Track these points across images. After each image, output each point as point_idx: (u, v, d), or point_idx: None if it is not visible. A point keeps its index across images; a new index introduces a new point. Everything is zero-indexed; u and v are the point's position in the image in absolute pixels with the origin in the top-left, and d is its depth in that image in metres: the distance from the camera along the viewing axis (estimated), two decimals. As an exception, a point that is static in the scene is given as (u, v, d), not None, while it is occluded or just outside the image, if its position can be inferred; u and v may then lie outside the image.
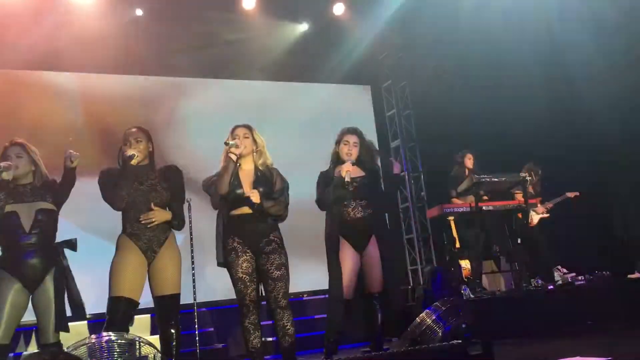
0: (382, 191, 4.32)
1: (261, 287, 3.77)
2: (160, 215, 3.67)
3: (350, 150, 4.21)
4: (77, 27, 6.45)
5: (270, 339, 5.06)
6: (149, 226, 3.64)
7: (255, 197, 3.64)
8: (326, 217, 4.22)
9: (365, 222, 4.13)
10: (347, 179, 4.03)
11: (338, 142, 4.30)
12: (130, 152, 3.67)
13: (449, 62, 7.67)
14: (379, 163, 4.40)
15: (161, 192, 3.73)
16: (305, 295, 7.07)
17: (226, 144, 3.69)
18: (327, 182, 4.20)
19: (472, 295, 5.55)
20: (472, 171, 6.32)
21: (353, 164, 4.17)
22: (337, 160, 4.29)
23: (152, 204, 3.65)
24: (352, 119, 8.37)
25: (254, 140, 3.86)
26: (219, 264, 3.80)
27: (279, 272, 3.67)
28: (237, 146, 3.67)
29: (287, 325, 3.65)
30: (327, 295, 4.21)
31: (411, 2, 7.14)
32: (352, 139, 4.26)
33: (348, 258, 4.07)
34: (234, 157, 3.70)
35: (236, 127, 3.89)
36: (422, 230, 8.38)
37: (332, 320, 4.04)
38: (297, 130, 7.71)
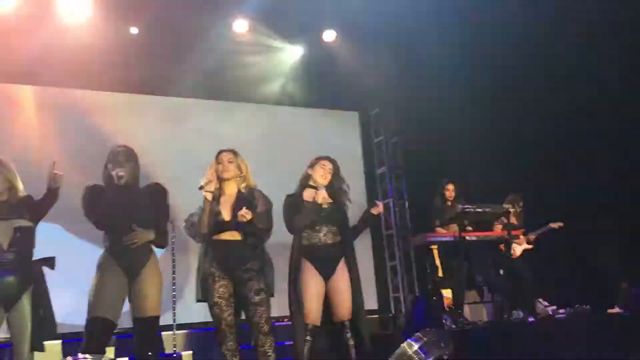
0: (348, 222, 4.24)
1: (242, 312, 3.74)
2: (142, 235, 3.63)
3: (326, 175, 4.19)
4: (69, 43, 6.44)
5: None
6: (131, 247, 3.60)
7: (246, 214, 3.58)
8: (294, 241, 4.13)
9: (335, 248, 4.06)
10: (324, 205, 4.02)
11: (313, 166, 4.25)
12: (116, 171, 3.65)
13: (439, 90, 7.75)
14: (349, 199, 4.36)
15: (145, 211, 3.71)
16: (286, 320, 6.99)
17: (200, 187, 3.66)
18: (297, 205, 4.13)
19: (453, 326, 5.54)
20: (455, 200, 6.35)
21: (321, 189, 4.13)
22: (306, 184, 4.24)
23: (134, 225, 3.62)
24: (339, 145, 8.49)
25: (238, 166, 3.86)
26: (198, 300, 3.77)
27: (258, 297, 3.64)
28: (209, 181, 3.65)
29: (268, 352, 3.61)
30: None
31: (400, 31, 7.23)
32: (329, 165, 4.23)
33: (313, 283, 3.98)
34: (209, 197, 3.69)
35: (221, 152, 3.89)
36: (405, 258, 8.38)
37: (297, 348, 3.98)
38: (283, 154, 7.73)
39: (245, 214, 3.56)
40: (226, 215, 3.71)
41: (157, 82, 7.28)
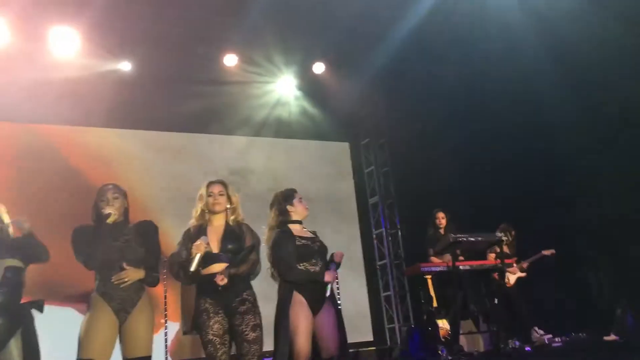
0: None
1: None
2: (133, 274, 3.59)
3: (305, 209, 4.11)
4: (56, 80, 6.47)
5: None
6: (121, 286, 3.56)
7: (221, 281, 3.55)
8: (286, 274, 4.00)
9: (324, 283, 3.94)
10: (315, 239, 4.01)
11: (291, 200, 4.12)
12: (106, 210, 3.63)
13: (428, 121, 7.82)
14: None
15: (136, 248, 3.67)
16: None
17: (196, 272, 3.58)
18: (289, 239, 3.97)
19: (449, 357, 5.49)
20: (447, 229, 6.35)
21: (300, 223, 4.08)
22: (288, 220, 4.09)
23: (124, 264, 3.59)
24: (331, 176, 8.52)
25: (229, 198, 3.84)
26: (185, 333, 3.71)
27: (254, 334, 3.57)
28: (205, 246, 3.58)
29: None
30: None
31: (389, 62, 7.31)
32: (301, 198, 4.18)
33: (304, 318, 3.86)
34: (193, 230, 3.71)
35: (211, 183, 3.85)
36: (399, 288, 8.34)
37: None
38: (275, 186, 7.72)
39: (220, 280, 3.54)
40: (214, 248, 3.67)
41: (146, 116, 7.30)
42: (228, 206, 3.81)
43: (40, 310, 3.56)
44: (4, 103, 6.40)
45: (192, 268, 3.53)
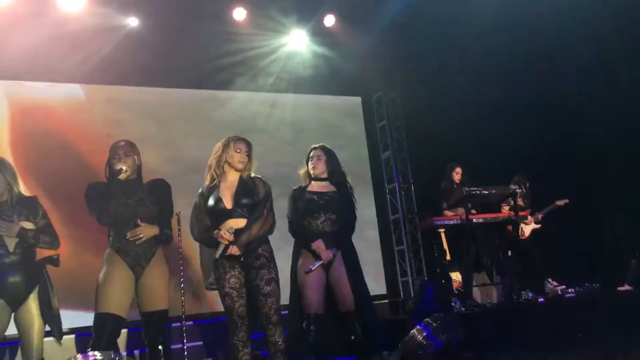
0: (352, 210, 4.21)
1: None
2: (147, 230, 3.63)
3: (320, 164, 4.18)
4: (69, 36, 6.40)
5: (261, 352, 5.00)
6: (136, 242, 3.60)
7: (235, 251, 3.57)
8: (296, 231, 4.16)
9: (332, 237, 4.02)
10: (327, 193, 4.03)
11: (307, 158, 4.27)
12: (119, 166, 3.64)
13: (441, 73, 7.69)
14: (349, 180, 4.32)
15: (149, 206, 3.70)
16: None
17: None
18: (299, 197, 4.14)
19: (463, 309, 5.54)
20: (461, 184, 6.32)
21: (323, 180, 4.16)
22: (306, 177, 4.26)
23: (138, 220, 3.61)
24: (343, 131, 8.46)
25: (250, 159, 3.80)
26: (207, 289, 3.76)
27: (269, 287, 3.60)
28: (229, 237, 3.57)
29: (278, 341, 3.59)
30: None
31: (402, 13, 7.15)
32: (320, 153, 4.23)
33: (312, 272, 3.97)
34: (208, 181, 3.73)
35: (238, 139, 3.80)
36: (412, 242, 8.36)
37: (292, 335, 3.97)
38: (287, 142, 7.71)
39: (234, 251, 3.55)
40: (227, 204, 3.67)
41: (156, 73, 7.23)
42: (248, 166, 3.78)
43: (56, 264, 3.61)
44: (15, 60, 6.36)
45: (217, 255, 3.56)
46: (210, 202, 3.67)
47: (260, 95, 7.97)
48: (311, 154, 4.27)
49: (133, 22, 6.83)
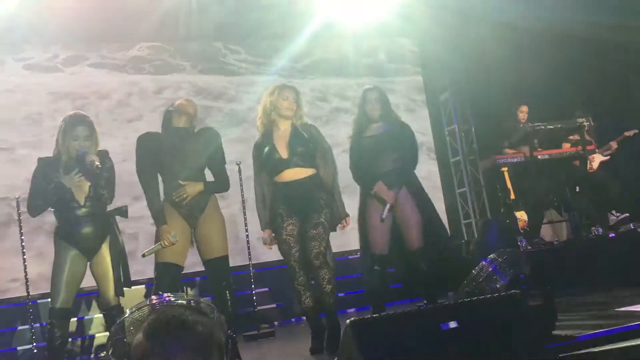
0: (413, 143, 4.17)
1: None
2: (191, 189, 3.63)
3: (374, 107, 4.12)
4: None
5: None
6: (183, 203, 3.64)
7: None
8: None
9: (396, 174, 3.99)
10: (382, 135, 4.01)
11: (361, 102, 4.22)
12: (175, 115, 3.69)
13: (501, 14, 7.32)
14: (401, 120, 4.27)
15: (198, 157, 3.71)
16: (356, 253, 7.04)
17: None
18: (357, 143, 4.14)
19: (529, 247, 5.43)
20: (526, 122, 6.12)
21: (378, 121, 4.12)
22: (360, 122, 4.21)
23: (180, 180, 3.62)
24: (399, 72, 8.27)
25: (299, 106, 3.77)
26: (264, 228, 3.81)
27: (315, 230, 3.62)
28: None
29: (323, 284, 3.62)
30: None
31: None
32: (373, 94, 4.16)
33: (374, 212, 3.98)
34: (260, 130, 3.81)
35: (285, 87, 3.80)
36: (474, 184, 8.19)
37: (366, 277, 4.02)
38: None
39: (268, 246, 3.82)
40: (283, 153, 3.67)
41: (190, 30, 7.14)
42: (298, 113, 3.77)
43: (125, 216, 3.72)
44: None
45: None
46: (266, 151, 3.67)
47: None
48: (367, 97, 4.19)
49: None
